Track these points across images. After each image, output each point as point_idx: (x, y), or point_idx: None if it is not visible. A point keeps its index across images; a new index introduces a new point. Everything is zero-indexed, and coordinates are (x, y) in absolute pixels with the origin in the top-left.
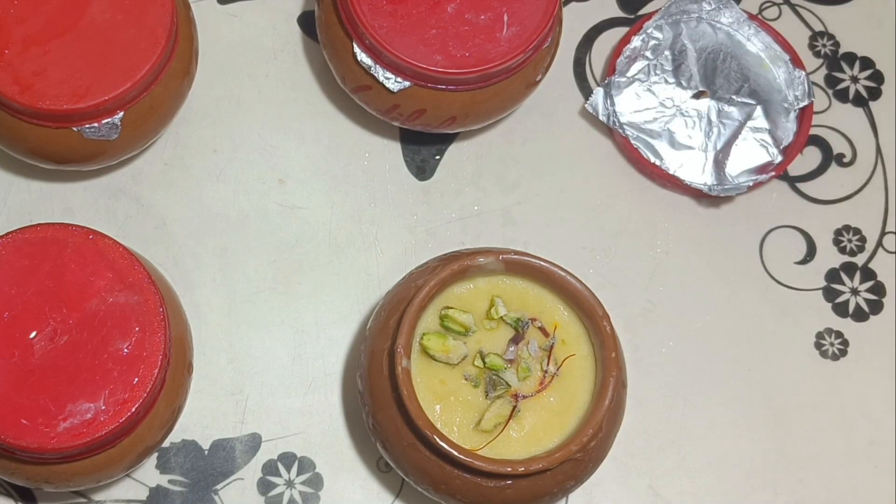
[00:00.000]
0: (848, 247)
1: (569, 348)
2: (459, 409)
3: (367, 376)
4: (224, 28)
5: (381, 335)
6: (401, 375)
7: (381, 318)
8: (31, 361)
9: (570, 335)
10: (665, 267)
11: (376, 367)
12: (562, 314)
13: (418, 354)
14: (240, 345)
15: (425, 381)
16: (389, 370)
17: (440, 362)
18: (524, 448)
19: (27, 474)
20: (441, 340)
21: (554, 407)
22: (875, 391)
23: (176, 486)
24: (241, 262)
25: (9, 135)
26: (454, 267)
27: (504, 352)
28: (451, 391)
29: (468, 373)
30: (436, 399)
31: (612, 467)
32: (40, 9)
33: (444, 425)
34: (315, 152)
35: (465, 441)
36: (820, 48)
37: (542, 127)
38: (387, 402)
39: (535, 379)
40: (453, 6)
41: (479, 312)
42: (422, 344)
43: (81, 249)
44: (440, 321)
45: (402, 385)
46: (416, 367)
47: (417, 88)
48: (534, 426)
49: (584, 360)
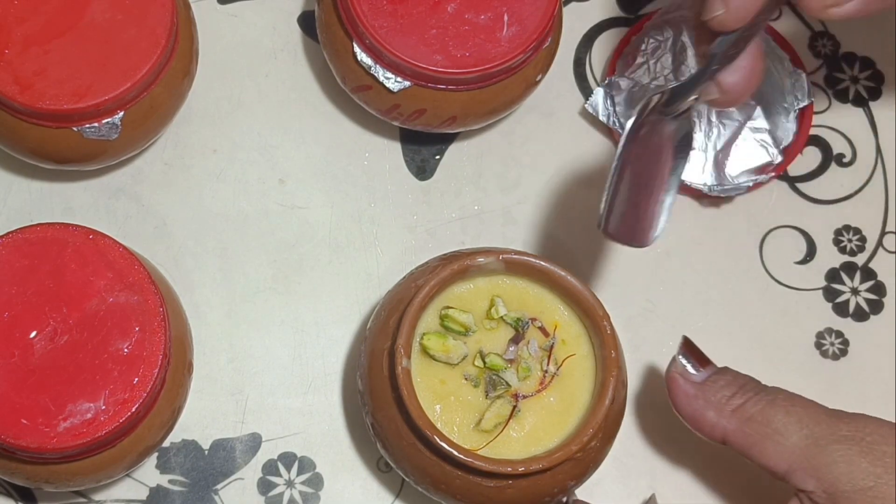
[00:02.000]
0: (848, 247)
1: (569, 348)
2: (459, 409)
3: (367, 376)
4: (224, 28)
5: (381, 335)
6: (401, 375)
7: (381, 317)
8: (31, 361)
9: (570, 335)
10: (665, 267)
11: (376, 367)
12: (562, 314)
13: (418, 354)
14: (240, 345)
15: (425, 381)
16: (389, 370)
17: (440, 362)
18: (524, 448)
19: (27, 474)
20: (441, 340)
21: (554, 407)
22: (875, 391)
23: (176, 486)
24: (241, 262)
25: (9, 135)
26: (454, 267)
27: (504, 352)
28: (451, 391)
29: (468, 373)
30: (436, 399)
31: (612, 467)
32: (40, 9)
33: (445, 425)
34: (315, 152)
35: (466, 441)
36: (820, 48)
37: (542, 127)
38: (387, 402)
39: (535, 379)
40: (453, 6)
41: (479, 312)
42: (422, 344)
43: (81, 249)
44: (440, 321)
45: (402, 385)
46: (416, 367)
47: (417, 88)
48: (534, 426)
49: (585, 360)
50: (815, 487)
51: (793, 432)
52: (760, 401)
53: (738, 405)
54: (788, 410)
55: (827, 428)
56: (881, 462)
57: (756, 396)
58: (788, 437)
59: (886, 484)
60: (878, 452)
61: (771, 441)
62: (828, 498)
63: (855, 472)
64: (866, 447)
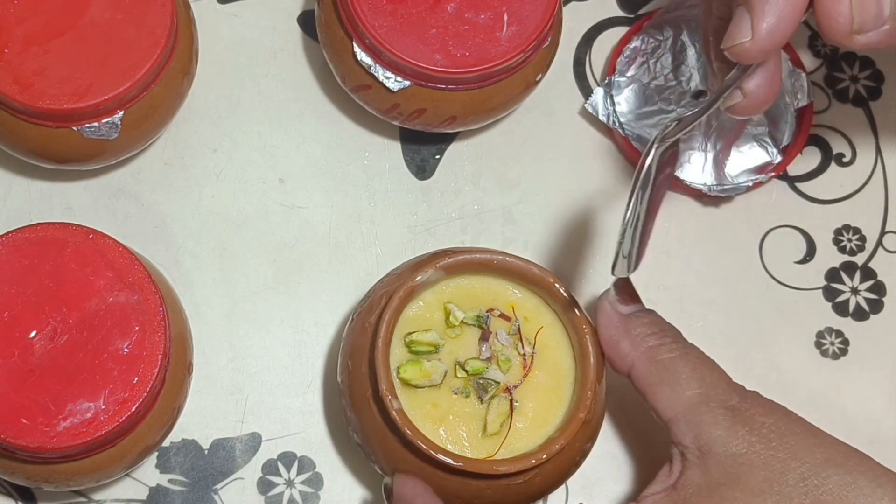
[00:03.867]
0: (848, 246)
1: (534, 323)
2: (462, 424)
3: (359, 428)
4: (224, 28)
5: (357, 383)
6: (397, 418)
7: (350, 363)
8: (31, 361)
9: (529, 310)
10: (665, 267)
11: (367, 413)
12: (514, 293)
13: (401, 389)
14: (240, 345)
15: (419, 411)
16: (382, 416)
17: (425, 388)
18: (535, 433)
19: (27, 474)
20: (417, 367)
21: (546, 384)
22: (875, 390)
23: (176, 486)
24: (241, 261)
25: (9, 134)
26: (400, 294)
27: (479, 353)
28: (447, 410)
29: (455, 386)
30: (436, 423)
31: (612, 467)
32: (40, 9)
33: (455, 444)
34: (315, 152)
35: (479, 450)
36: (820, 48)
37: (542, 127)
38: (388, 443)
39: (517, 366)
40: (453, 6)
41: (439, 325)
42: (400, 378)
43: (81, 249)
44: (408, 349)
45: (403, 427)
46: (405, 402)
47: (417, 88)
48: (535, 410)
49: (553, 328)
50: (690, 443)
51: (690, 387)
52: (675, 350)
53: (652, 345)
54: (695, 367)
55: (721, 393)
56: (758, 432)
57: (673, 344)
58: (685, 390)
59: (757, 454)
60: (756, 423)
61: (668, 387)
62: (700, 457)
63: (730, 438)
64: (748, 417)
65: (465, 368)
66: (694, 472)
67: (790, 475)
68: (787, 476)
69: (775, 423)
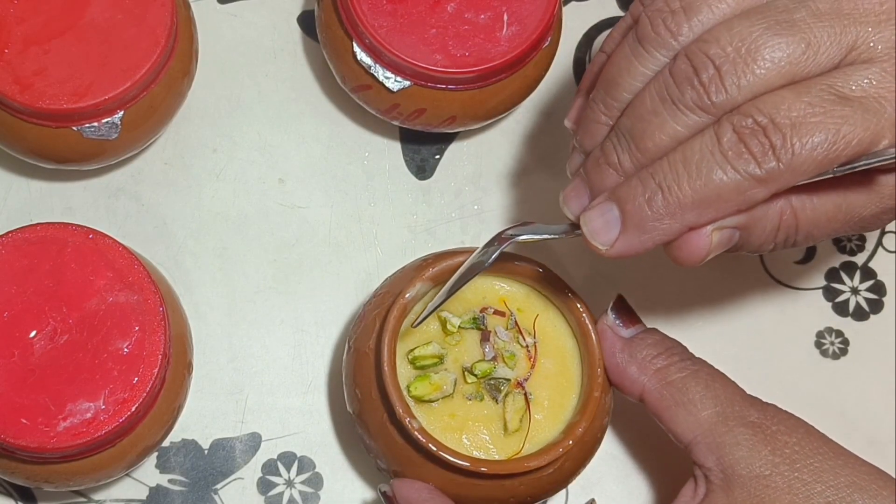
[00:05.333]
0: (848, 246)
1: (529, 312)
2: (483, 428)
3: (383, 454)
4: (224, 28)
5: (370, 410)
6: (420, 438)
7: (358, 389)
8: (31, 361)
9: (521, 301)
10: (665, 267)
11: (386, 436)
12: (502, 288)
13: (415, 406)
14: (240, 344)
15: (438, 425)
16: (404, 437)
17: (438, 400)
18: (554, 422)
19: (27, 474)
20: (426, 382)
21: (554, 370)
22: (875, 390)
23: (176, 486)
24: (241, 261)
25: (9, 134)
26: (395, 314)
27: (483, 354)
28: (466, 417)
29: (468, 392)
30: (457, 433)
31: (613, 466)
32: (40, 8)
33: (479, 449)
34: (315, 152)
35: (504, 449)
36: None
37: (542, 127)
38: (415, 464)
39: (522, 358)
40: (453, 6)
41: (438, 335)
42: (412, 396)
43: (81, 249)
44: (412, 365)
45: (427, 444)
46: (422, 419)
47: (417, 88)
48: (550, 398)
49: (548, 313)
50: (713, 465)
51: (706, 407)
52: (684, 369)
53: (661, 366)
54: (708, 385)
55: (739, 410)
56: (781, 452)
57: (681, 363)
58: (701, 411)
59: (781, 475)
60: (780, 442)
61: (684, 409)
62: (724, 479)
63: (754, 459)
64: (770, 436)
65: (473, 373)
66: (719, 494)
67: (815, 499)
68: (811, 501)
69: (798, 442)
